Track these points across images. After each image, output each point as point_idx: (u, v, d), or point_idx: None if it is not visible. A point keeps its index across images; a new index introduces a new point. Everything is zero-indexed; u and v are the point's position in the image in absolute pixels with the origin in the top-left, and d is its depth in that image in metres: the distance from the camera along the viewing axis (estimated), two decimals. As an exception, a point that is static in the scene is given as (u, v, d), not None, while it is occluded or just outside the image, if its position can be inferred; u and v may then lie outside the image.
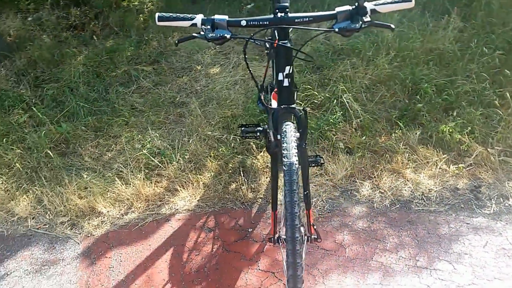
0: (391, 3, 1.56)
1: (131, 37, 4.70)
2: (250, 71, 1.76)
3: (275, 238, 1.89)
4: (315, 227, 1.97)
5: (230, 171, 2.88)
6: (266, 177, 2.84)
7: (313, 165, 2.65)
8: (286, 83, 1.74)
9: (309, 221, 1.95)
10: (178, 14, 1.67)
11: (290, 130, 1.67)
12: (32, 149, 3.18)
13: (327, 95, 3.35)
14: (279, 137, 1.72)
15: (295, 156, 1.56)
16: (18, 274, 2.39)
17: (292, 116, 1.85)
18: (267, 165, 2.89)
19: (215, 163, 2.93)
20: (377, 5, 1.57)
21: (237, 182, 2.79)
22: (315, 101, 3.33)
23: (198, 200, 2.72)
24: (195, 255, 2.39)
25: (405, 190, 2.67)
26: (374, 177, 2.77)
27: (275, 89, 2.13)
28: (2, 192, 2.88)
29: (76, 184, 2.85)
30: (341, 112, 3.22)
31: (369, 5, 1.56)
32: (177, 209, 2.68)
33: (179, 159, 2.97)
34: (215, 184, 2.80)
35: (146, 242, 2.50)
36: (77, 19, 5.52)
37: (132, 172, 2.90)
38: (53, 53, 4.49)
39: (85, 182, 2.86)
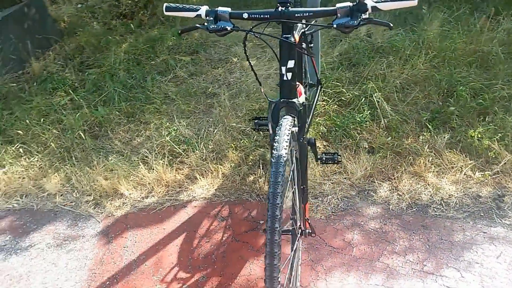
0: (392, 0, 1.54)
1: (175, 27, 4.82)
2: (250, 63, 1.79)
3: None
4: (309, 221, 1.97)
5: (250, 163, 2.92)
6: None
7: (330, 162, 2.65)
8: (287, 77, 1.75)
9: (304, 215, 1.96)
10: (184, 5, 1.73)
11: (286, 124, 1.68)
12: (67, 130, 3.35)
13: (355, 93, 3.32)
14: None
15: (284, 149, 1.58)
16: (41, 247, 2.55)
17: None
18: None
19: (236, 154, 2.97)
20: (378, 2, 1.55)
21: (255, 175, 2.83)
22: (343, 99, 3.30)
23: (215, 189, 2.78)
24: (205, 242, 2.45)
25: (425, 194, 2.61)
26: (394, 178, 2.72)
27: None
28: (36, 169, 3.06)
29: (103, 166, 2.99)
30: (369, 111, 3.18)
31: (370, 2, 1.55)
32: (195, 197, 2.75)
33: (202, 148, 3.04)
34: (233, 175, 2.85)
35: (161, 225, 2.59)
36: (128, 7, 5.71)
37: (156, 158, 3.00)
38: (100, 40, 4.69)
39: (112, 165, 2.99)
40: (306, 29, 2.23)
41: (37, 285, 2.31)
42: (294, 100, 1.79)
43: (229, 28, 1.67)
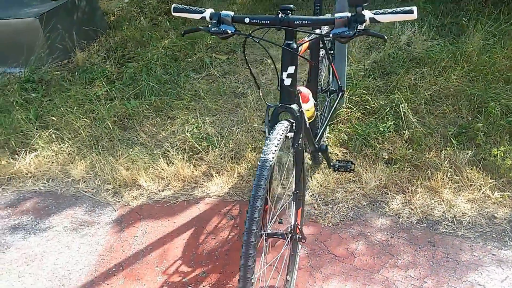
0: (391, 13, 1.53)
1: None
2: (249, 67, 1.82)
3: (263, 231, 1.94)
4: (300, 227, 1.98)
5: (266, 165, 2.94)
6: (300, 176, 2.88)
7: (342, 170, 2.65)
8: (287, 82, 1.78)
9: (297, 220, 1.97)
10: (191, 7, 1.78)
11: (279, 129, 1.71)
12: (98, 120, 3.50)
13: (382, 102, 3.28)
14: None
15: (272, 153, 1.61)
16: (58, 229, 2.69)
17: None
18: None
19: (253, 155, 3.01)
20: (377, 14, 1.54)
21: (274, 179, 2.85)
22: (368, 107, 3.26)
23: (229, 188, 2.83)
24: (211, 238, 2.50)
25: (437, 210, 2.56)
26: (408, 192, 2.68)
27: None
28: (65, 155, 3.23)
29: (126, 157, 3.11)
30: (394, 122, 3.13)
31: (368, 14, 1.55)
32: (208, 194, 2.82)
33: (222, 147, 3.10)
34: (249, 175, 2.89)
35: (172, 219, 2.67)
36: (186, 2, 5.87)
37: (177, 152, 3.09)
38: (144, 34, 4.85)
39: (134, 156, 3.10)
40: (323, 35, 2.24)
41: (49, 265, 2.44)
42: (293, 106, 1.81)
43: (229, 32, 1.71)
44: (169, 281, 2.28)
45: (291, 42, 1.73)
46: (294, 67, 1.76)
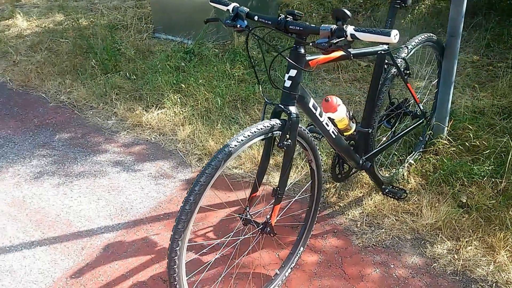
0: (370, 32, 1.51)
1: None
2: (251, 61, 1.94)
3: (243, 215, 2.07)
4: (270, 223, 2.03)
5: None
6: (360, 192, 2.84)
7: (391, 196, 2.57)
8: (287, 84, 1.86)
9: (272, 216, 2.03)
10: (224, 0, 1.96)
11: (260, 124, 1.80)
12: (217, 96, 3.90)
13: (485, 142, 2.97)
14: None
15: (237, 142, 1.71)
16: (144, 174, 3.18)
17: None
18: (368, 181, 2.87)
19: (328, 160, 3.06)
20: (357, 31, 1.54)
21: (335, 187, 2.89)
22: (467, 144, 2.99)
23: (290, 183, 2.95)
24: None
25: (482, 269, 2.29)
26: (462, 240, 2.44)
27: (325, 98, 2.20)
28: (181, 117, 3.72)
29: (221, 131, 3.45)
30: (493, 167, 2.83)
31: (350, 29, 1.55)
32: (270, 182, 2.98)
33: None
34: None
35: (227, 193, 2.92)
36: (353, 6, 6.01)
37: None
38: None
39: (228, 132, 3.42)
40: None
41: (122, 198, 2.94)
42: (290, 107, 1.87)
43: (238, 26, 1.85)
44: (192, 240, 2.55)
45: (298, 46, 1.81)
46: (296, 71, 1.83)
